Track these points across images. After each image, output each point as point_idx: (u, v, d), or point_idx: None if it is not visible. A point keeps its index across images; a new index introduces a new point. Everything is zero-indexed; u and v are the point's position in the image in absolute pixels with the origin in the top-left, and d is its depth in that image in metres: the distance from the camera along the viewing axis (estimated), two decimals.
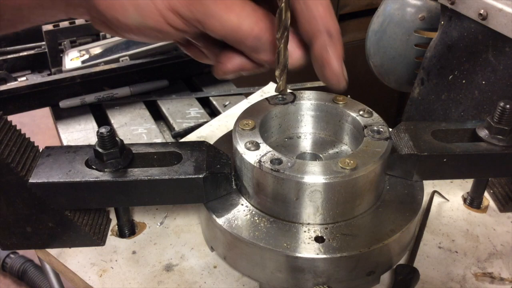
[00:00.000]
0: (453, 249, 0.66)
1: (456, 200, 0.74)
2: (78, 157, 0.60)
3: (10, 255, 1.85)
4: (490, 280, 0.62)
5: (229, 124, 0.93)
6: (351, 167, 0.56)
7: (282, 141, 0.71)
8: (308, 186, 0.55)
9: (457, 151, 0.62)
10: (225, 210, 0.60)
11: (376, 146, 0.59)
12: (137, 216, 0.71)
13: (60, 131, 1.13)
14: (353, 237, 0.57)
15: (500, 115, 0.61)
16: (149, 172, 0.58)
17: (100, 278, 0.62)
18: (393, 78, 1.25)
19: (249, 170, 0.58)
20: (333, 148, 0.70)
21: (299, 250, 0.55)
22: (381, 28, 1.20)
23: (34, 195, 0.57)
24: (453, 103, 1.03)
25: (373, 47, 1.24)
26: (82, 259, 0.64)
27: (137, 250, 0.66)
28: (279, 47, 0.51)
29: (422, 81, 1.10)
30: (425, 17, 1.12)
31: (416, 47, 1.15)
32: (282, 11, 0.48)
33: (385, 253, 0.59)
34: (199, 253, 0.65)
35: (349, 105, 0.67)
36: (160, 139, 1.09)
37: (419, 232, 0.67)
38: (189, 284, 0.61)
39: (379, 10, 1.22)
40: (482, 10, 0.89)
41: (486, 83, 0.94)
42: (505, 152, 0.62)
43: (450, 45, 1.01)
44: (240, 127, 0.62)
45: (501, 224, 0.70)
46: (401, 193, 0.63)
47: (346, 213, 0.59)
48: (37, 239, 0.63)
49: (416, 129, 0.65)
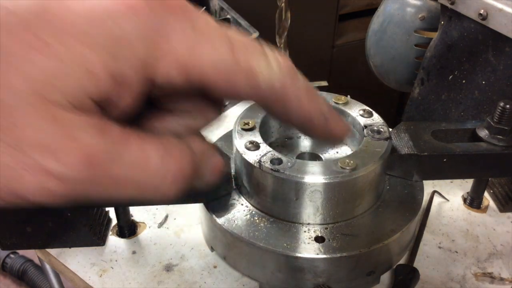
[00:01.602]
0: (453, 249, 0.66)
1: (456, 200, 0.74)
2: None
3: (10, 255, 1.85)
4: (490, 280, 0.62)
5: (229, 124, 0.93)
6: (351, 167, 0.56)
7: (282, 141, 0.71)
8: (308, 186, 0.55)
9: (457, 151, 0.62)
10: (225, 210, 0.60)
11: (376, 146, 0.59)
12: (137, 216, 0.71)
13: None
14: (353, 237, 0.57)
15: (500, 115, 0.61)
16: None
17: (100, 278, 0.62)
18: (393, 78, 1.25)
19: (249, 170, 0.58)
20: (333, 148, 0.70)
21: (299, 250, 0.55)
22: (381, 28, 1.20)
23: None
24: (453, 103, 1.03)
25: (373, 47, 1.24)
26: (82, 259, 0.64)
27: (137, 250, 0.66)
28: (279, 47, 0.51)
29: (422, 81, 1.10)
30: (425, 17, 1.12)
31: (416, 47, 1.15)
32: (282, 11, 0.48)
33: (385, 253, 0.59)
34: (199, 253, 0.65)
35: (349, 105, 0.67)
36: None
37: (419, 232, 0.67)
38: (189, 284, 0.61)
39: (379, 10, 1.22)
40: (482, 10, 0.89)
41: (486, 83, 0.94)
42: (505, 152, 0.62)
43: (450, 45, 1.01)
44: (240, 127, 0.62)
45: (501, 224, 0.70)
46: (401, 193, 0.63)
47: (346, 213, 0.59)
48: (37, 239, 0.63)
49: (416, 129, 0.65)
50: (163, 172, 0.30)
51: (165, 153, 0.30)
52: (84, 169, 0.26)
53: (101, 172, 0.27)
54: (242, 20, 1.40)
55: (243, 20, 1.40)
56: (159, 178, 0.30)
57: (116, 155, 0.28)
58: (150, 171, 0.29)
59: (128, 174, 0.28)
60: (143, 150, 0.29)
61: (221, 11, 1.49)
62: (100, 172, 0.27)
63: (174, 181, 0.30)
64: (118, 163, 0.28)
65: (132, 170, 0.28)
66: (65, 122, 0.26)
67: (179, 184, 0.31)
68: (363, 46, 1.29)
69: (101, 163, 0.27)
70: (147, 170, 0.29)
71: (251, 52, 0.32)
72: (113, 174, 0.28)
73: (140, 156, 0.29)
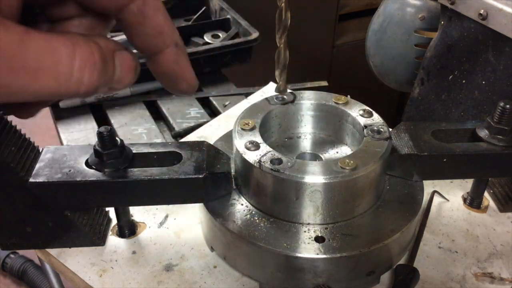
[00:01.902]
0: (453, 249, 0.66)
1: (456, 200, 0.74)
2: (78, 157, 0.60)
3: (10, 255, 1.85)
4: (490, 280, 0.62)
5: (229, 124, 0.93)
6: (351, 167, 0.56)
7: (282, 141, 0.71)
8: (308, 186, 0.55)
9: (457, 151, 0.62)
10: (225, 210, 0.60)
11: (376, 146, 0.59)
12: (137, 216, 0.71)
13: (60, 131, 1.13)
14: (353, 237, 0.57)
15: (500, 115, 0.61)
16: (149, 172, 0.58)
17: (100, 278, 0.62)
18: (393, 78, 1.25)
19: (249, 170, 0.58)
20: (333, 148, 0.70)
21: (299, 250, 0.55)
22: (381, 28, 1.20)
23: (34, 195, 0.57)
24: (453, 103, 1.03)
25: (373, 47, 1.24)
26: (82, 259, 0.64)
27: (137, 250, 0.66)
28: (279, 47, 0.51)
29: (422, 81, 1.11)
30: (425, 17, 1.12)
31: (416, 47, 1.15)
32: (282, 11, 0.48)
33: (385, 253, 0.59)
34: (199, 253, 0.65)
35: (349, 105, 0.67)
36: (160, 139, 1.09)
37: (419, 232, 0.67)
38: (189, 284, 0.61)
39: (379, 10, 1.22)
40: (482, 10, 0.89)
41: (486, 83, 0.94)
42: (505, 152, 0.62)
43: (450, 45, 1.01)
44: (240, 127, 0.62)
45: (501, 224, 0.70)
46: (401, 193, 0.63)
47: (346, 213, 0.59)
48: (37, 239, 0.63)
49: (416, 129, 0.65)
50: (71, 59, 0.32)
51: (72, 44, 0.32)
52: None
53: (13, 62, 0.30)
54: (242, 20, 1.40)
55: (243, 20, 1.40)
56: (69, 65, 0.32)
57: (24, 45, 0.30)
58: (60, 59, 0.32)
59: (39, 63, 0.31)
60: (49, 41, 0.31)
61: (221, 11, 1.49)
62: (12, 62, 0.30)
63: (84, 67, 0.33)
64: (27, 53, 0.30)
65: (42, 59, 0.31)
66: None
67: (91, 72, 0.33)
68: (363, 46, 1.29)
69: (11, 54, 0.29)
70: (56, 58, 0.31)
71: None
72: (25, 64, 0.30)
73: (47, 46, 0.31)
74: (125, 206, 0.65)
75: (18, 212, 0.59)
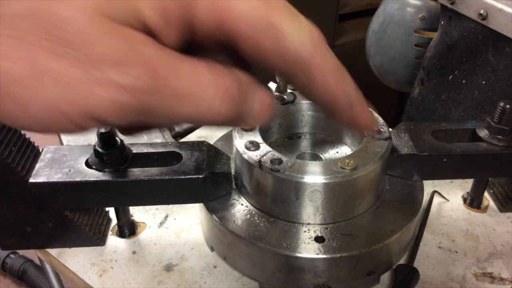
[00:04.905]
0: (453, 249, 0.66)
1: (456, 200, 0.74)
2: (78, 157, 0.60)
3: (10, 255, 1.85)
4: (490, 280, 0.62)
5: None
6: (351, 167, 0.56)
7: (282, 141, 0.71)
8: (308, 186, 0.55)
9: (457, 151, 0.62)
10: (225, 210, 0.60)
11: (376, 146, 0.59)
12: (137, 216, 0.71)
13: None
14: (353, 237, 0.57)
15: (500, 115, 0.61)
16: (149, 172, 0.58)
17: (100, 278, 0.62)
18: (393, 78, 1.25)
19: (249, 170, 0.58)
20: (333, 148, 0.70)
21: (299, 250, 0.55)
22: (381, 28, 1.20)
23: (34, 195, 0.57)
24: (453, 103, 1.03)
25: (373, 47, 1.24)
26: (82, 259, 0.64)
27: (137, 250, 0.66)
28: None
29: (422, 81, 1.11)
30: (425, 17, 1.12)
31: (416, 47, 1.15)
32: None
33: (385, 253, 0.59)
34: (199, 253, 0.65)
35: None
36: (160, 139, 1.09)
37: (419, 232, 0.67)
38: (189, 284, 0.61)
39: (379, 10, 1.22)
40: (482, 10, 0.89)
41: (486, 83, 0.94)
42: (505, 152, 0.62)
43: (450, 45, 1.01)
44: (240, 127, 0.62)
45: (501, 224, 0.70)
46: (401, 193, 0.63)
47: (346, 213, 0.59)
48: (37, 239, 0.63)
49: (416, 129, 0.65)
50: (215, 88, 0.31)
51: (216, 73, 0.32)
52: (150, 80, 0.28)
53: (164, 83, 0.29)
54: None
55: None
56: (212, 93, 0.31)
57: (176, 69, 0.30)
58: (204, 86, 0.31)
59: (186, 87, 0.30)
60: (196, 67, 0.31)
61: None
62: (163, 83, 0.29)
63: (224, 97, 0.32)
64: (177, 77, 0.30)
65: (189, 84, 0.30)
66: (130, 38, 0.28)
67: (230, 101, 0.32)
68: (363, 46, 1.29)
69: (164, 75, 0.29)
70: (201, 85, 0.31)
71: (286, 14, 0.32)
72: (173, 86, 0.30)
73: (194, 72, 0.31)
74: (125, 206, 0.65)
75: (18, 212, 0.59)
